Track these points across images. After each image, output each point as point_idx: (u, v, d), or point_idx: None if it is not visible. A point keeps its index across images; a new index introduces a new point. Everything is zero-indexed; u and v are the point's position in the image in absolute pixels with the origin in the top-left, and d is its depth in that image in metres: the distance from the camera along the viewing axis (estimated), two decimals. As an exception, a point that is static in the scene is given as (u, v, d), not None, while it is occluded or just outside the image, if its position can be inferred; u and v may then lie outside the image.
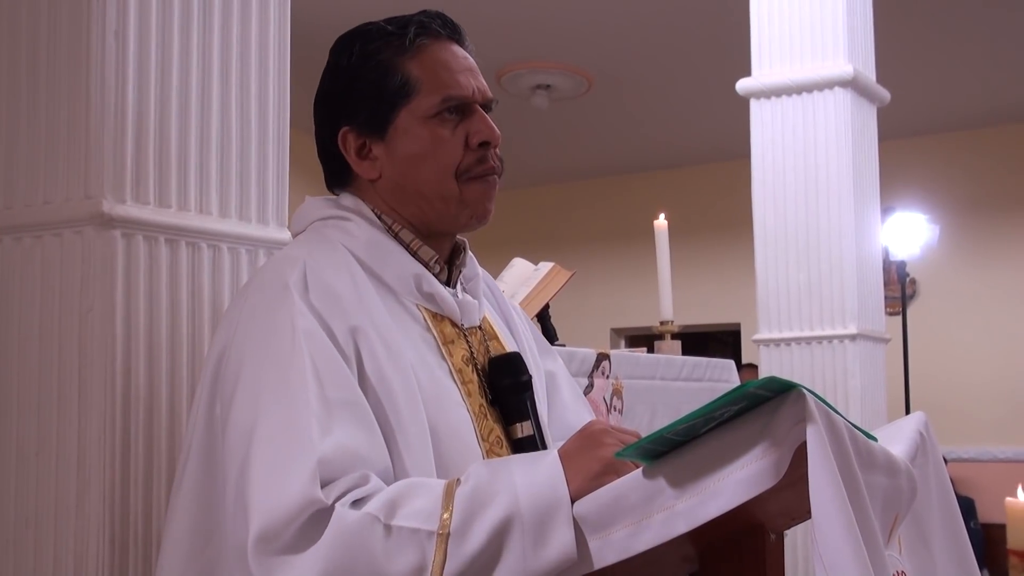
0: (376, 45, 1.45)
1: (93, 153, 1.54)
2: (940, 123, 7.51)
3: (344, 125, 1.45)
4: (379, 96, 1.43)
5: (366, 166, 1.45)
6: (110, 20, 1.55)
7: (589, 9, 5.63)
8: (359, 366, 1.29)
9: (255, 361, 1.27)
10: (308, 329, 1.26)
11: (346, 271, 1.36)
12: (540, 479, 1.19)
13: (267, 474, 1.17)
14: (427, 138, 1.42)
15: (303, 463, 1.15)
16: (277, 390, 1.23)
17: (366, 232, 1.43)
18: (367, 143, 1.45)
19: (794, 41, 3.68)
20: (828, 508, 1.01)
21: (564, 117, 7.28)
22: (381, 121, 1.43)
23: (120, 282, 1.53)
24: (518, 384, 1.47)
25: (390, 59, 1.44)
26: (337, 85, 1.47)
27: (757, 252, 3.71)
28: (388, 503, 1.15)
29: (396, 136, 1.43)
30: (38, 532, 1.53)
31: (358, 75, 1.45)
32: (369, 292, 1.36)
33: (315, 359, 1.24)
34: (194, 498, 1.31)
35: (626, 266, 8.35)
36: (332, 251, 1.38)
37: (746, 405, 1.10)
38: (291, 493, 1.14)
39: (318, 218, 1.47)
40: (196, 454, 1.33)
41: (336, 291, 1.32)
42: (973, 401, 7.38)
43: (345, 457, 1.18)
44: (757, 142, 3.72)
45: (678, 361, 3.20)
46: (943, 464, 1.57)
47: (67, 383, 1.53)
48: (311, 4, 5.00)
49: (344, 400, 1.23)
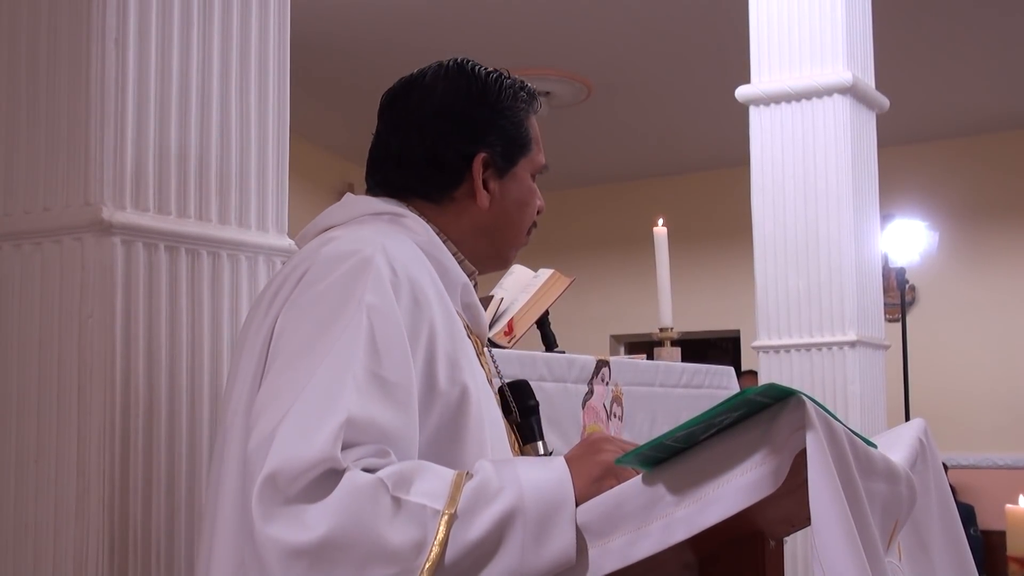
0: (516, 88, 1.53)
1: (93, 160, 1.54)
2: (939, 130, 7.51)
3: (485, 150, 1.48)
4: (517, 139, 1.51)
5: (484, 196, 1.49)
6: (110, 27, 1.56)
7: (588, 17, 5.64)
8: (430, 356, 1.28)
9: (310, 326, 1.25)
10: (375, 304, 1.24)
11: (420, 263, 1.36)
12: (546, 477, 1.20)
13: (294, 424, 1.15)
14: (532, 193, 1.55)
15: (331, 421, 1.14)
16: (324, 355, 1.21)
17: (424, 230, 1.44)
18: (487, 174, 1.49)
19: (793, 48, 3.68)
20: (828, 515, 1.01)
21: (564, 124, 7.29)
22: (510, 161, 1.51)
23: (120, 289, 1.54)
24: (529, 407, 1.59)
25: (524, 110, 1.53)
26: (483, 110, 1.50)
27: (756, 259, 3.71)
28: (399, 475, 1.15)
29: (513, 180, 1.52)
30: (37, 538, 1.53)
31: (502, 111, 1.50)
32: (439, 287, 1.37)
33: (375, 332, 1.22)
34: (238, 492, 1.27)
35: (625, 273, 8.35)
36: (403, 241, 1.38)
37: (745, 412, 1.10)
38: (312, 447, 1.13)
39: (368, 212, 1.45)
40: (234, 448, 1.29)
41: (415, 279, 1.31)
42: (973, 408, 7.38)
43: (372, 429, 1.17)
44: (756, 149, 3.72)
45: (677, 368, 3.20)
46: (943, 471, 1.57)
47: (67, 389, 1.53)
48: (311, 12, 5.01)
49: (392, 380, 1.22)
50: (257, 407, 1.23)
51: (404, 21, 5.53)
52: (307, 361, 1.21)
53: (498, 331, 2.70)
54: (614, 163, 8.31)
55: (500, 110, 1.50)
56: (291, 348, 1.25)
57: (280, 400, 1.19)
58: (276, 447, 1.14)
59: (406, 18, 5.51)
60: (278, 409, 1.18)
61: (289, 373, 1.22)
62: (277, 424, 1.16)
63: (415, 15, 5.43)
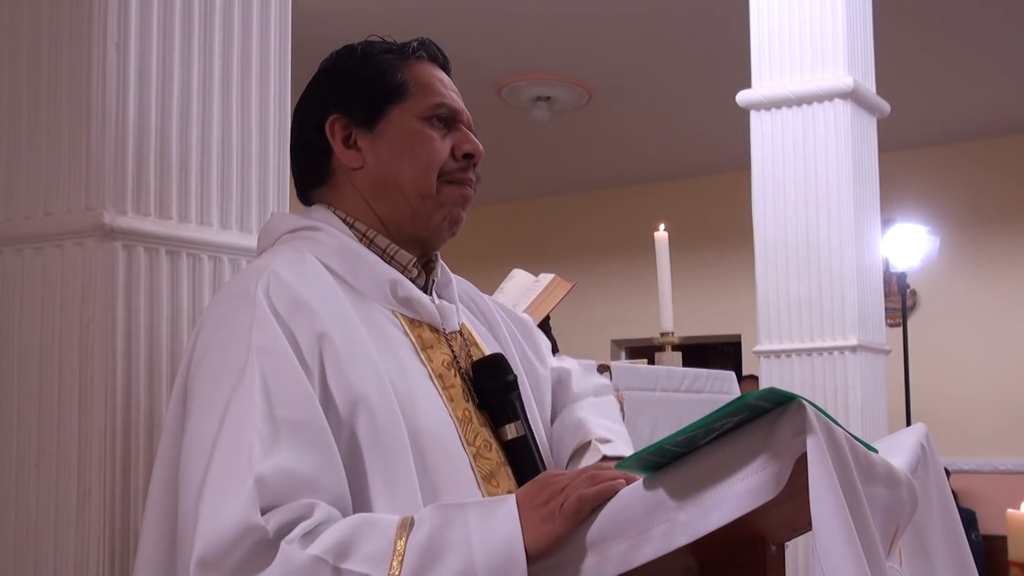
0: (377, 49, 1.51)
1: (94, 165, 1.54)
2: (940, 134, 7.52)
3: (333, 113, 1.48)
4: (375, 90, 1.48)
5: (350, 154, 1.47)
6: (111, 32, 1.56)
7: (589, 21, 5.64)
8: (323, 375, 1.26)
9: (209, 377, 1.26)
10: (264, 344, 1.23)
11: (314, 279, 1.35)
12: (497, 535, 1.15)
13: (208, 496, 1.15)
14: (417, 135, 1.46)
15: (240, 486, 1.13)
16: (224, 408, 1.21)
17: (337, 240, 1.43)
18: (353, 133, 1.47)
19: (794, 53, 3.68)
20: (829, 520, 1.01)
21: (564, 129, 7.29)
22: (373, 112, 1.47)
23: (121, 293, 1.54)
24: (503, 385, 1.46)
25: (391, 61, 1.50)
26: (330, 80, 1.51)
27: (757, 263, 3.71)
28: (338, 544, 1.13)
29: (386, 129, 1.47)
30: (38, 544, 1.53)
31: (355, 70, 1.50)
32: (339, 300, 1.35)
33: (267, 376, 1.21)
34: (163, 512, 1.30)
35: (626, 278, 8.35)
36: (300, 261, 1.37)
37: (746, 417, 1.10)
38: (229, 518, 1.11)
39: (286, 231, 1.46)
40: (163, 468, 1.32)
41: (302, 299, 1.30)
42: (974, 413, 7.38)
43: (287, 480, 1.15)
44: (757, 153, 3.72)
45: (679, 373, 3.19)
46: (944, 476, 1.57)
47: (68, 394, 1.53)
48: (312, 17, 5.02)
49: (295, 420, 1.20)
50: (181, 464, 1.25)
51: (405, 27, 5.51)
52: (210, 417, 1.22)
53: (499, 336, 2.69)
54: (615, 167, 8.31)
55: (354, 69, 1.49)
56: (196, 405, 1.26)
57: (194, 471, 1.20)
58: (201, 525, 1.14)
59: (407, 24, 5.52)
60: (193, 484, 1.19)
61: (199, 430, 1.23)
62: (198, 496, 1.17)
63: (416, 21, 5.44)
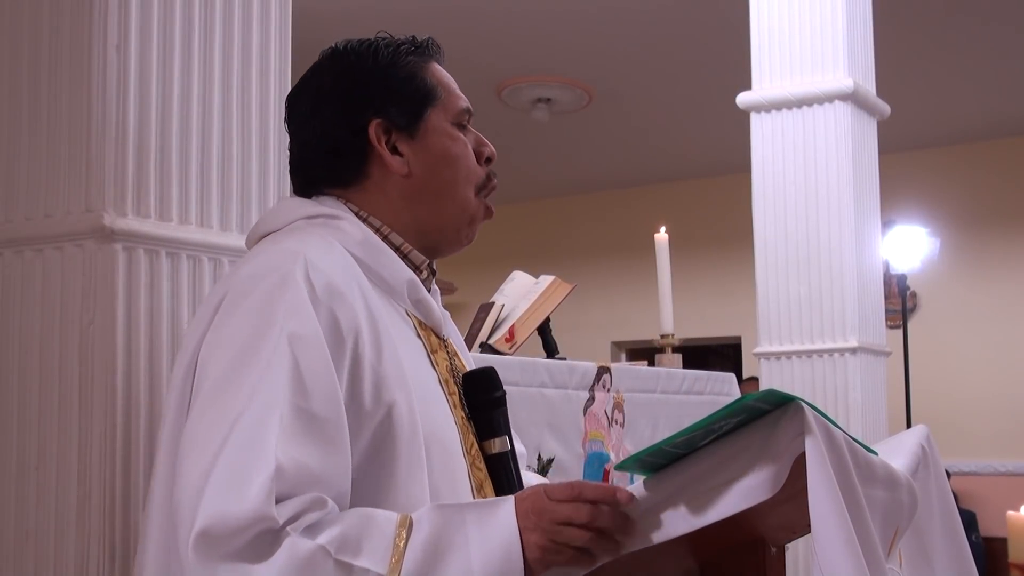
0: (398, 50, 1.46)
1: (94, 166, 1.54)
2: (940, 136, 7.51)
3: (375, 117, 1.42)
4: (412, 95, 1.43)
5: (398, 161, 1.42)
6: (111, 34, 1.56)
7: (590, 23, 5.64)
8: (354, 366, 1.24)
9: (234, 355, 1.21)
10: (299, 332, 1.20)
11: (345, 268, 1.32)
12: (495, 542, 1.16)
13: (221, 472, 1.13)
14: (455, 143, 1.45)
15: (261, 473, 1.12)
16: (252, 389, 1.17)
17: (360, 231, 1.39)
18: (393, 138, 1.42)
19: (794, 54, 3.68)
20: (828, 521, 1.01)
21: (565, 130, 7.29)
22: (414, 118, 1.43)
23: (121, 295, 1.54)
24: (493, 399, 1.45)
25: (415, 64, 1.46)
26: (360, 81, 1.43)
27: (758, 265, 3.71)
28: (340, 536, 1.13)
29: (428, 134, 1.43)
30: (38, 545, 1.53)
31: (389, 74, 1.44)
32: (370, 291, 1.33)
33: (300, 365, 1.19)
34: (166, 511, 1.26)
35: (627, 279, 8.34)
36: (330, 249, 1.33)
37: (745, 418, 1.11)
38: (246, 504, 1.11)
39: (302, 216, 1.40)
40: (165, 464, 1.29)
41: (339, 288, 1.27)
42: (975, 414, 7.37)
43: (302, 473, 1.15)
44: (757, 155, 3.73)
45: (679, 374, 3.20)
46: (945, 477, 1.57)
47: (68, 396, 1.53)
48: (312, 18, 5.02)
49: (321, 416, 1.19)
50: (182, 448, 1.20)
51: (405, 28, 5.50)
52: (230, 399, 1.18)
53: (499, 338, 2.70)
54: (615, 169, 8.31)
55: (381, 73, 1.43)
56: (213, 383, 1.21)
57: (205, 445, 1.15)
58: (207, 502, 1.12)
59: (407, 25, 5.49)
60: (204, 455, 1.15)
61: (212, 413, 1.18)
62: (206, 474, 1.13)
63: (416, 22, 5.42)
